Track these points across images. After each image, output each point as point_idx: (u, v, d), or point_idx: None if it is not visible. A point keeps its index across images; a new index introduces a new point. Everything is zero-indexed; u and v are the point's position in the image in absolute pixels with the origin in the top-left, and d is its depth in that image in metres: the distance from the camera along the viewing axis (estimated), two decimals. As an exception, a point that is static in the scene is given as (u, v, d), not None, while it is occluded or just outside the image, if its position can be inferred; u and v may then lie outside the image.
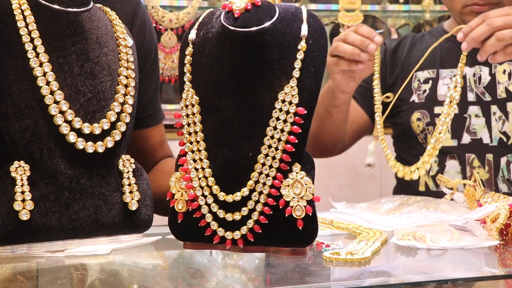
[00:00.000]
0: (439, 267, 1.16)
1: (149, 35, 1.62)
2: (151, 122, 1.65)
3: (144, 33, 1.60)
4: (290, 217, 1.15)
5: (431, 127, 2.02)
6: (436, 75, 2.05)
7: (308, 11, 1.24)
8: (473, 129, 1.99)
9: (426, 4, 3.38)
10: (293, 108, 1.17)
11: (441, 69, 2.06)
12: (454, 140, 2.00)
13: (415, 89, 2.06)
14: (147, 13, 1.65)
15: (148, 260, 1.23)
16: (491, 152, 1.97)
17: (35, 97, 1.19)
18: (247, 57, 1.18)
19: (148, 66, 1.61)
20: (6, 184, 1.18)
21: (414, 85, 2.07)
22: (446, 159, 2.00)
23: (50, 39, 1.22)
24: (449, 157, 2.00)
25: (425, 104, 2.04)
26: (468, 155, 1.98)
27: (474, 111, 1.99)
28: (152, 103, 1.65)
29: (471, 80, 2.01)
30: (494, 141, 1.97)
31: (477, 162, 1.97)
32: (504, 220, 1.27)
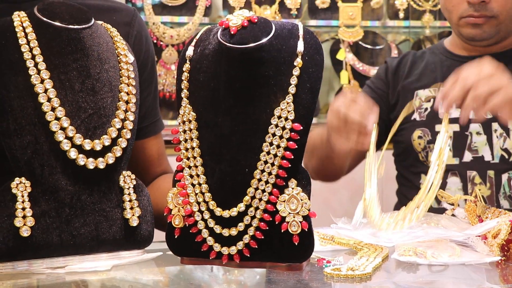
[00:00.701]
0: (440, 283, 1.16)
1: (146, 45, 1.62)
2: (149, 133, 1.64)
3: (140, 44, 1.60)
4: (286, 233, 1.15)
5: (432, 144, 2.01)
6: (437, 94, 2.05)
7: (305, 28, 1.24)
8: (475, 147, 1.99)
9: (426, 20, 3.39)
10: (289, 124, 1.17)
11: (442, 88, 2.06)
12: (456, 158, 2.00)
13: (416, 107, 2.07)
14: (144, 24, 1.64)
15: (149, 276, 1.23)
16: (492, 169, 1.97)
17: (36, 114, 1.20)
18: (243, 74, 1.19)
19: (145, 76, 1.61)
20: (7, 200, 1.18)
21: (415, 103, 2.07)
22: (447, 176, 2.00)
23: (51, 56, 1.22)
24: (450, 173, 2.00)
25: (426, 122, 2.04)
26: (469, 172, 1.98)
27: (475, 128, 1.99)
28: (150, 113, 1.65)
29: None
30: (496, 158, 1.97)
31: (478, 179, 1.97)
32: (505, 236, 1.26)
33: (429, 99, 2.06)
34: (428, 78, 2.09)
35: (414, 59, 2.17)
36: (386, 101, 2.14)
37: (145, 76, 1.61)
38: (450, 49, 2.13)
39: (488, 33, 1.96)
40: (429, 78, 2.09)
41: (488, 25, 1.95)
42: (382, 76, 2.19)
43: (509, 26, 1.98)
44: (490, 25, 1.95)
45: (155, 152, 1.66)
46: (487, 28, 1.94)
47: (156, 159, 1.67)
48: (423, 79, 2.10)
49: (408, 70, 2.14)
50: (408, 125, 2.07)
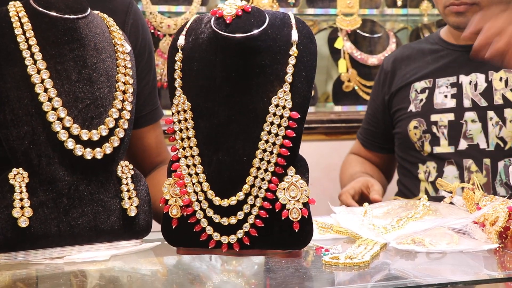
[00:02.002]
0: (438, 271, 1.16)
1: (142, 34, 1.62)
2: (147, 121, 1.64)
3: (137, 32, 1.59)
4: (286, 220, 1.16)
5: (428, 134, 2.04)
6: (432, 84, 2.08)
7: (296, 17, 1.25)
8: (470, 135, 2.00)
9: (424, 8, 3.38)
10: (287, 112, 1.18)
11: (437, 78, 2.08)
12: (451, 146, 2.01)
13: (412, 99, 2.10)
14: (140, 12, 1.64)
15: (147, 266, 1.23)
16: (488, 156, 1.98)
17: (33, 104, 1.20)
18: (240, 63, 1.19)
19: (143, 65, 1.60)
20: (5, 191, 1.18)
21: (411, 95, 2.10)
22: (444, 165, 2.02)
23: (47, 46, 1.22)
24: (447, 163, 2.01)
25: (421, 112, 2.06)
26: (465, 160, 1.99)
27: (470, 116, 2.00)
28: (149, 102, 1.65)
29: (467, 87, 2.02)
30: (491, 146, 1.98)
31: (474, 167, 1.98)
32: (503, 223, 1.27)
33: (424, 90, 2.08)
34: (424, 70, 2.12)
35: (411, 52, 2.19)
36: (382, 103, 2.19)
37: (143, 65, 1.60)
38: (445, 39, 2.15)
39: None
40: (424, 70, 2.11)
41: (471, 12, 1.97)
42: (376, 79, 2.27)
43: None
44: (473, 12, 1.95)
45: (153, 141, 1.66)
46: (470, 15, 1.95)
47: (155, 148, 1.66)
48: (419, 71, 2.12)
49: (405, 64, 2.17)
50: (404, 116, 2.10)
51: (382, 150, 2.27)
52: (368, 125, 2.28)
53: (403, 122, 2.11)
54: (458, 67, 2.06)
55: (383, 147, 2.27)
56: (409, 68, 2.15)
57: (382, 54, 3.29)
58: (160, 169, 1.64)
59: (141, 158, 1.61)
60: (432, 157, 2.04)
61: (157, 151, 1.67)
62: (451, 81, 2.06)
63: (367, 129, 2.29)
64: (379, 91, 2.22)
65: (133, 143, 1.57)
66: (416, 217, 1.35)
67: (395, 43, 3.32)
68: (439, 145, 2.03)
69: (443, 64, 2.10)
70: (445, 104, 2.04)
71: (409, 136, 2.08)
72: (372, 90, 2.31)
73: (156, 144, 1.67)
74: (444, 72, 2.08)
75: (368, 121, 2.29)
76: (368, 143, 2.29)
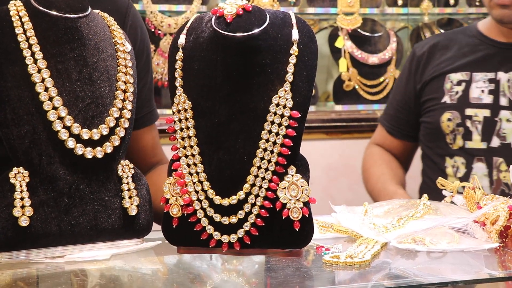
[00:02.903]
0: (439, 270, 1.16)
1: (141, 35, 1.62)
2: (145, 123, 1.64)
3: (135, 34, 1.60)
4: (286, 219, 1.16)
5: (461, 128, 2.02)
6: (469, 78, 2.06)
7: (296, 16, 1.25)
8: (503, 133, 1.99)
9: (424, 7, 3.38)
10: (288, 111, 1.18)
11: (475, 72, 2.06)
12: (484, 142, 2.00)
13: (447, 90, 2.07)
14: (138, 14, 1.64)
15: (147, 265, 1.23)
16: None
17: (34, 103, 1.20)
18: (240, 62, 1.19)
19: (141, 66, 1.61)
20: (6, 190, 1.18)
21: (446, 86, 2.07)
22: (473, 161, 2.00)
23: (48, 45, 1.22)
24: (476, 159, 2.00)
25: (456, 105, 2.05)
26: (495, 158, 1.98)
27: (505, 115, 2.00)
28: (147, 104, 1.65)
29: (505, 86, 2.02)
30: None
31: (504, 166, 1.97)
32: (503, 222, 1.27)
33: (460, 82, 2.06)
34: (460, 62, 2.09)
35: (447, 41, 2.16)
36: (413, 87, 2.15)
37: (141, 67, 1.61)
38: (485, 33, 2.12)
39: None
40: (461, 62, 2.09)
41: None
42: (407, 65, 2.22)
43: None
44: None
45: (150, 142, 1.67)
46: None
47: (151, 149, 1.67)
48: (455, 62, 2.10)
49: (440, 53, 2.14)
50: (437, 107, 2.08)
51: (408, 138, 2.22)
52: (396, 111, 2.22)
53: (435, 112, 2.08)
54: (497, 64, 2.05)
55: (409, 135, 2.21)
56: (444, 58, 2.13)
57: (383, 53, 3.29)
58: (156, 169, 1.64)
59: (137, 159, 1.61)
60: (462, 152, 2.03)
61: (153, 152, 1.68)
62: (489, 76, 2.05)
63: (394, 116, 2.23)
64: (411, 78, 2.18)
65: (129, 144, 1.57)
66: (416, 216, 1.35)
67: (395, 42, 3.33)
68: (471, 140, 2.02)
69: (481, 58, 2.08)
70: (482, 100, 2.03)
71: (441, 128, 2.06)
72: (400, 76, 2.25)
73: (152, 145, 1.68)
74: (482, 67, 2.06)
75: (396, 108, 2.22)
76: (395, 130, 2.23)
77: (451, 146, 2.04)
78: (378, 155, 2.25)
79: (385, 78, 3.29)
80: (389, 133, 2.25)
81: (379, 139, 2.29)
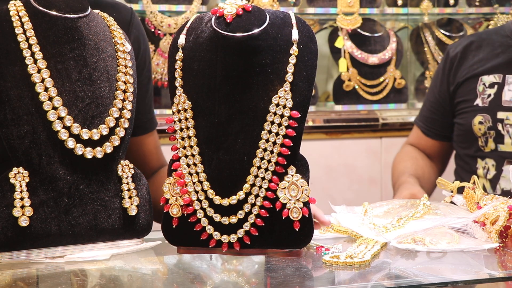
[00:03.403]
0: (439, 270, 1.16)
1: (143, 44, 1.63)
2: (147, 129, 1.66)
3: (139, 42, 1.61)
4: (286, 219, 1.16)
5: (493, 131, 2.01)
6: (502, 80, 2.04)
7: (296, 16, 1.25)
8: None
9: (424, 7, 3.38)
10: (288, 111, 1.18)
11: (508, 75, 2.04)
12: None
13: (479, 92, 2.06)
14: (141, 24, 1.66)
15: (147, 265, 1.23)
16: None
17: (34, 103, 1.20)
18: (240, 62, 1.19)
19: (144, 74, 1.62)
20: (5, 191, 1.18)
21: (479, 88, 2.06)
22: (503, 163, 1.99)
23: (48, 45, 1.22)
24: (506, 162, 1.99)
25: (488, 108, 2.03)
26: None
27: None
28: (148, 110, 1.66)
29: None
30: None
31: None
32: (503, 222, 1.27)
33: (493, 85, 2.05)
34: (493, 63, 2.07)
35: (480, 42, 2.14)
36: (446, 88, 2.14)
37: (144, 75, 1.62)
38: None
39: None
40: (493, 63, 2.07)
41: None
42: (441, 66, 2.21)
43: None
44: None
45: (153, 147, 1.68)
46: None
47: (155, 153, 1.68)
48: (487, 63, 2.08)
49: (473, 54, 2.12)
50: (469, 109, 2.06)
51: (443, 138, 2.21)
52: (431, 113, 2.22)
53: (467, 115, 2.07)
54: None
55: (444, 136, 2.20)
56: (477, 59, 2.11)
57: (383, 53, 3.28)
58: (160, 172, 1.65)
59: (142, 164, 1.62)
60: (493, 154, 2.02)
61: (156, 156, 1.69)
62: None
63: (429, 117, 2.22)
64: (445, 79, 2.16)
65: (133, 150, 1.59)
66: (416, 216, 1.35)
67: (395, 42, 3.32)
68: (503, 143, 2.01)
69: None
70: None
71: (472, 130, 2.05)
72: (434, 78, 2.24)
73: (155, 150, 1.69)
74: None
75: (430, 109, 2.22)
76: (431, 131, 2.22)
77: (483, 149, 2.04)
78: (407, 153, 2.25)
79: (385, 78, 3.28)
80: (424, 134, 2.25)
81: (414, 139, 2.30)
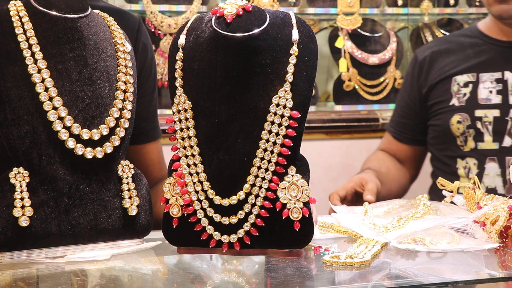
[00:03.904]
0: (439, 270, 1.16)
1: (150, 53, 1.65)
2: (151, 137, 1.66)
3: (146, 51, 1.62)
4: (287, 219, 1.16)
5: (472, 130, 2.02)
6: (476, 79, 2.06)
7: (296, 16, 1.25)
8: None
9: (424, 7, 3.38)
10: (288, 112, 1.18)
11: (481, 73, 2.06)
12: (496, 143, 2.00)
13: (454, 92, 2.07)
14: (147, 32, 1.67)
15: (148, 265, 1.23)
16: None
17: (34, 104, 1.20)
18: (240, 62, 1.19)
19: (149, 82, 1.63)
20: (6, 191, 1.18)
21: (453, 88, 2.07)
22: (485, 161, 2.00)
23: (48, 46, 1.22)
24: (488, 159, 2.00)
25: (465, 107, 2.05)
26: (508, 158, 1.98)
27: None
28: (153, 119, 1.67)
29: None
30: None
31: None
32: (503, 222, 1.27)
33: (467, 84, 2.06)
34: (465, 64, 2.09)
35: (447, 44, 2.16)
36: (418, 95, 2.15)
37: (149, 82, 1.63)
38: (486, 33, 2.12)
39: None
40: (466, 64, 2.09)
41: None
42: (410, 71, 2.23)
43: None
44: None
45: (156, 156, 1.68)
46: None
47: (158, 163, 1.68)
48: (460, 64, 2.10)
49: (443, 56, 2.14)
50: (446, 110, 2.08)
51: (415, 142, 2.23)
52: (402, 117, 2.24)
53: (444, 115, 2.08)
54: (502, 63, 2.05)
55: (416, 140, 2.22)
56: (448, 60, 2.13)
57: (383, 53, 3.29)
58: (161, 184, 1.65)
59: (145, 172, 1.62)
60: (473, 153, 2.03)
61: (159, 166, 1.69)
62: (495, 76, 2.04)
63: (400, 122, 2.24)
64: (414, 83, 2.18)
65: (136, 158, 1.60)
66: (416, 216, 1.35)
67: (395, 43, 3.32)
68: (483, 141, 2.02)
69: (487, 58, 2.08)
70: (490, 100, 2.03)
71: (451, 130, 2.06)
72: (404, 83, 2.26)
73: (159, 159, 1.70)
74: (488, 67, 2.06)
75: (401, 114, 2.24)
76: (402, 136, 2.24)
77: (462, 148, 2.04)
78: (375, 156, 2.26)
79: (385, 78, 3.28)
80: (395, 138, 2.26)
81: (385, 145, 2.30)
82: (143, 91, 1.59)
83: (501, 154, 2.00)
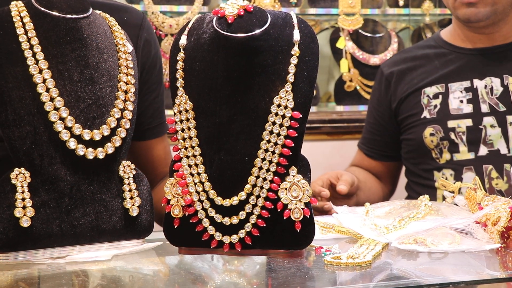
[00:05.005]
0: (440, 271, 1.16)
1: (154, 48, 1.63)
2: (157, 133, 1.66)
3: (149, 46, 1.61)
4: (288, 220, 1.16)
5: (446, 141, 1.98)
6: (445, 90, 2.03)
7: (298, 17, 1.25)
8: (490, 140, 1.94)
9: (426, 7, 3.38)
10: (289, 112, 1.18)
11: (450, 83, 2.03)
12: (471, 153, 1.96)
13: (425, 105, 2.03)
14: (152, 28, 1.66)
15: (149, 266, 1.23)
16: (509, 162, 1.93)
17: (35, 104, 1.20)
18: (241, 62, 1.19)
19: (153, 78, 1.62)
20: (7, 191, 1.18)
21: (423, 101, 2.04)
22: (462, 171, 1.97)
23: (49, 46, 1.22)
24: (465, 169, 1.97)
25: (437, 118, 2.01)
26: (485, 166, 1.95)
27: (489, 121, 1.95)
28: (159, 115, 1.66)
29: (483, 92, 1.98)
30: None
31: (495, 173, 1.94)
32: (505, 223, 1.26)
33: (437, 95, 2.03)
34: (434, 75, 2.06)
35: (413, 57, 2.14)
36: (387, 110, 2.13)
37: (154, 78, 1.62)
38: (451, 42, 2.09)
39: (483, 13, 1.93)
40: (434, 75, 2.06)
41: (482, 3, 1.91)
42: (377, 86, 2.20)
43: (505, 6, 1.95)
44: (484, 4, 1.91)
45: (162, 152, 1.68)
46: (482, 7, 1.92)
47: (164, 159, 1.68)
48: (428, 76, 2.06)
49: (410, 69, 2.11)
50: (418, 123, 2.04)
51: (388, 158, 2.20)
52: (371, 134, 2.20)
53: (416, 128, 2.04)
54: (470, 71, 2.01)
55: (389, 155, 2.19)
56: (416, 74, 2.09)
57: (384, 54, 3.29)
58: None
59: (150, 168, 1.62)
60: (450, 164, 1.98)
61: (165, 162, 1.69)
62: (465, 85, 2.00)
63: (370, 139, 2.21)
64: (382, 99, 2.15)
65: (142, 154, 1.59)
66: (418, 217, 1.35)
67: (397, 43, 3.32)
68: (458, 152, 1.97)
69: (454, 68, 2.04)
70: (462, 110, 1.99)
71: (424, 143, 2.02)
72: (371, 99, 2.23)
73: (165, 155, 1.69)
74: (456, 77, 2.02)
75: (370, 130, 2.21)
76: (373, 152, 2.21)
77: (438, 161, 2.00)
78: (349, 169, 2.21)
79: (387, 79, 3.28)
80: (367, 155, 2.22)
81: (358, 162, 2.26)
82: (147, 87, 1.59)
83: (478, 163, 1.96)
